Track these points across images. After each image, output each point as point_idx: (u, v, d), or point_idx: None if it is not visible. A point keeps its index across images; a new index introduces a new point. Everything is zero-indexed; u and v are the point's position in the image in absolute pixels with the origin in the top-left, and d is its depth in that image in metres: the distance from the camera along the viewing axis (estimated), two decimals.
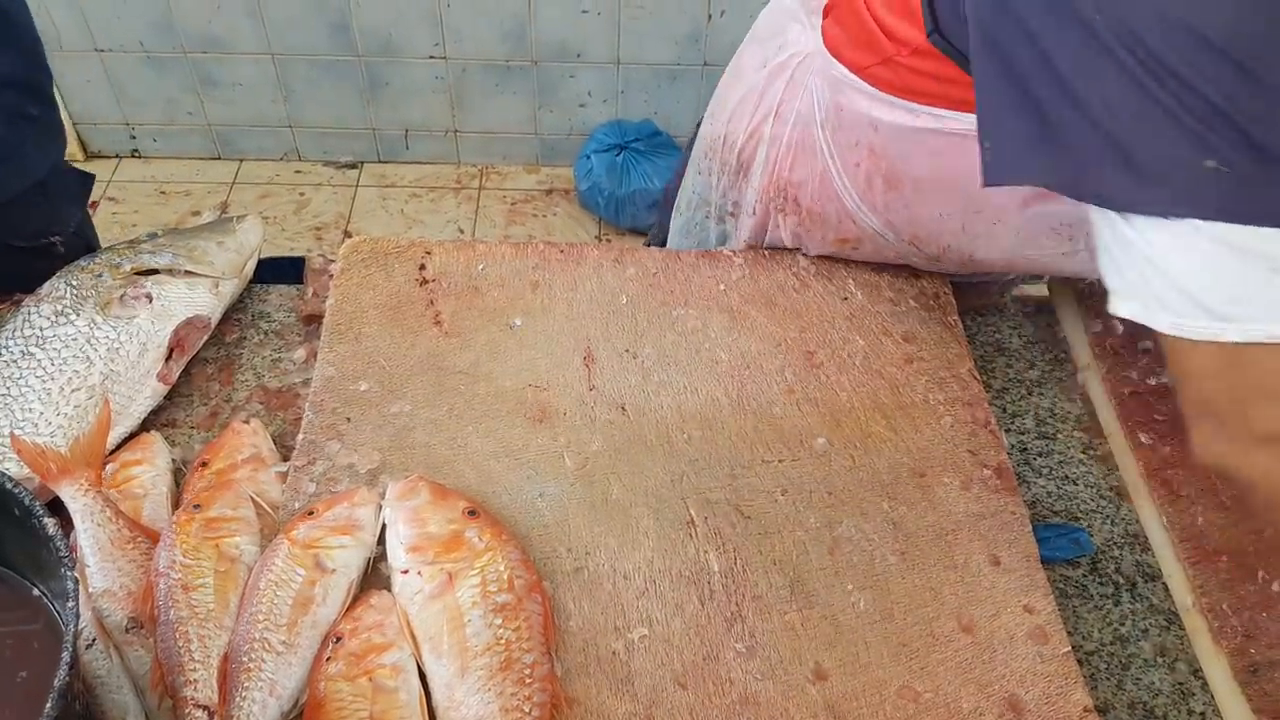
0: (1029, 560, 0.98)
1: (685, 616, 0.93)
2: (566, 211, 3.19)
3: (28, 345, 1.10)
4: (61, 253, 1.37)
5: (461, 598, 0.87)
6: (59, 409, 1.07)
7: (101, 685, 0.85)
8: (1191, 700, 0.97)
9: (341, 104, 3.17)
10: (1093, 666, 0.99)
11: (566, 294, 1.19)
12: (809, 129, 1.13)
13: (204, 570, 0.90)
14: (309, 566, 0.89)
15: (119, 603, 0.90)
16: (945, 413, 1.10)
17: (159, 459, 1.05)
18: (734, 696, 0.88)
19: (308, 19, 2.94)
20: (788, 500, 1.02)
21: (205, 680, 0.84)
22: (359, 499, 0.95)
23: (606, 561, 0.96)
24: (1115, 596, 1.05)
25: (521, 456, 1.04)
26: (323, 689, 0.82)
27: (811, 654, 0.91)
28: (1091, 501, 1.12)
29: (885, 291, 1.21)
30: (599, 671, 0.89)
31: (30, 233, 1.21)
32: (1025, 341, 1.29)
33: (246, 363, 1.21)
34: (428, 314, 1.17)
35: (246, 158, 3.32)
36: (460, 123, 3.22)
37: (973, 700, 0.88)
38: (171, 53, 3.02)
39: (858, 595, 0.95)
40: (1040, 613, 0.94)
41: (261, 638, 0.85)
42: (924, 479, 1.04)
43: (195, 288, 1.20)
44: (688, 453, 1.05)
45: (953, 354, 1.15)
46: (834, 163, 1.13)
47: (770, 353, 1.14)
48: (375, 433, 1.05)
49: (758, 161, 1.21)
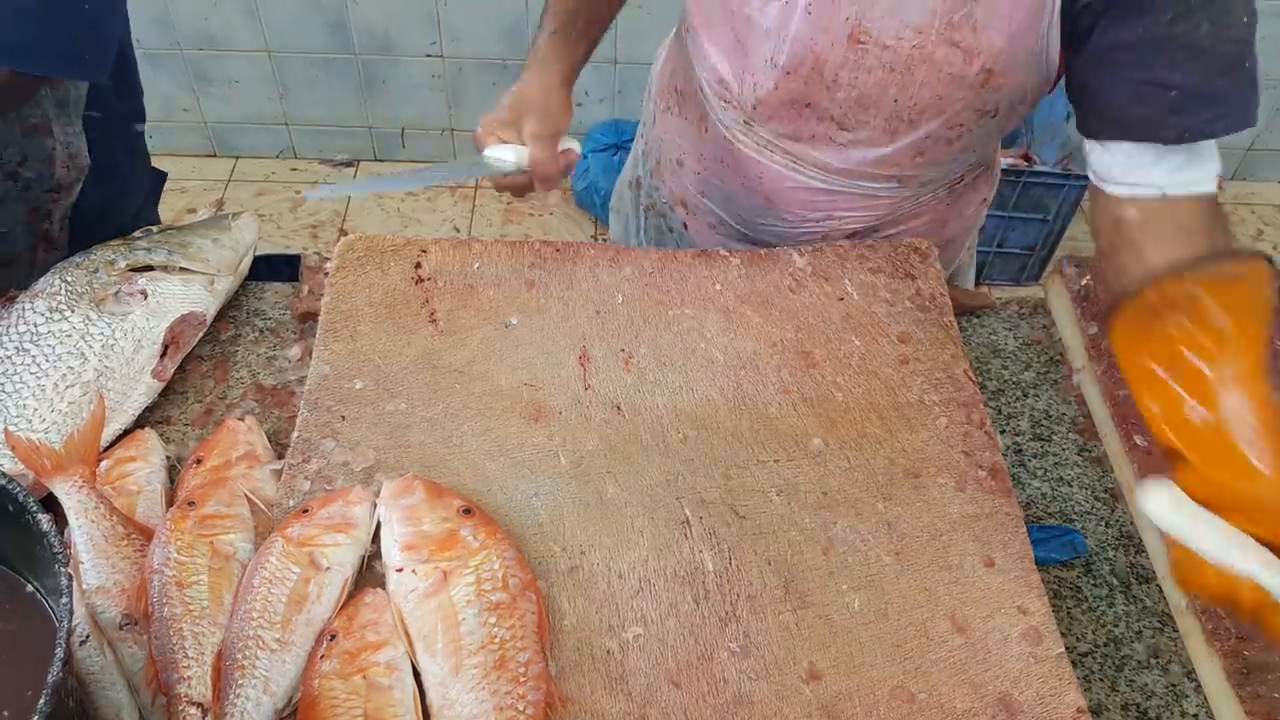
0: (1023, 561, 0.98)
1: (680, 616, 0.93)
2: (563, 211, 3.19)
3: (22, 341, 1.10)
4: None
5: (456, 596, 0.87)
6: (53, 405, 1.06)
7: (95, 682, 0.85)
8: (1185, 702, 0.97)
9: (338, 102, 3.16)
10: (1086, 668, 0.99)
11: (562, 293, 1.19)
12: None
13: (198, 567, 0.90)
14: (303, 564, 0.89)
15: (113, 599, 0.90)
16: (940, 414, 1.10)
17: (153, 456, 1.05)
18: (728, 696, 0.88)
19: (305, 17, 2.94)
20: (783, 500, 1.02)
21: (199, 677, 0.84)
22: (354, 497, 0.95)
23: (601, 561, 0.96)
24: (1109, 598, 1.05)
25: (517, 455, 1.04)
26: (317, 687, 0.82)
27: (806, 654, 0.91)
28: (1086, 503, 1.12)
29: (881, 292, 1.21)
30: (593, 670, 0.89)
31: (113, 233, 1.26)
32: (1021, 343, 1.29)
33: (241, 360, 1.21)
34: (423, 312, 1.16)
35: (243, 155, 3.31)
36: (457, 121, 3.22)
37: (966, 701, 0.89)
38: (168, 49, 3.02)
39: (852, 595, 0.95)
40: (1034, 614, 0.94)
41: (256, 635, 0.84)
42: (919, 480, 1.04)
43: (190, 284, 1.19)
44: (683, 452, 1.05)
45: (948, 355, 1.15)
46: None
47: (766, 353, 1.14)
48: (370, 431, 1.05)
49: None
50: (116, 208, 1.42)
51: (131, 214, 1.46)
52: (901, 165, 1.19)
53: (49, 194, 1.26)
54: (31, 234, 1.29)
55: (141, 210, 1.50)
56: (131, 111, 1.41)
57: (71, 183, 1.28)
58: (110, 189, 1.38)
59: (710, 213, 1.37)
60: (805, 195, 1.25)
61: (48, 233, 1.30)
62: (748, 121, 1.21)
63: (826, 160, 1.20)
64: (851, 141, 1.18)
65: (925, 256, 1.25)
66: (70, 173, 1.26)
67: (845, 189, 1.23)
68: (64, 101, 1.23)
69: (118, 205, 1.43)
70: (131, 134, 1.43)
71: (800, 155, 1.21)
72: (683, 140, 1.34)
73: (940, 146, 1.17)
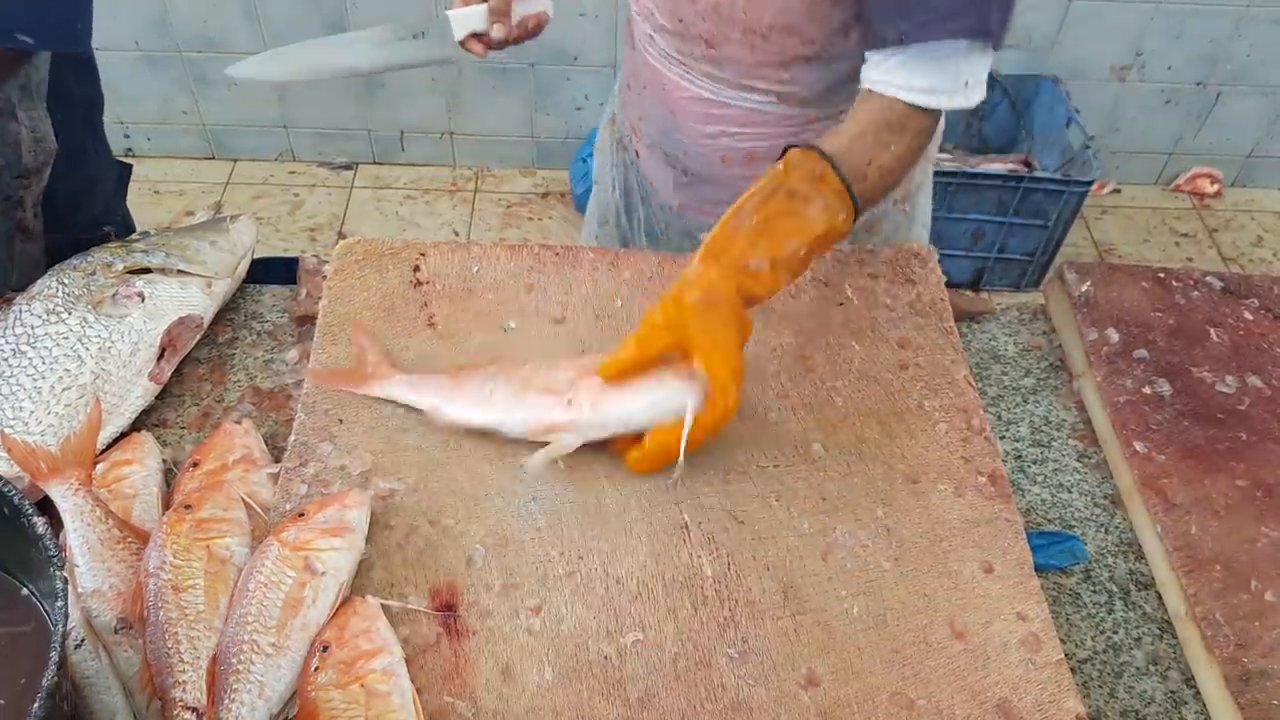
0: (1022, 567, 0.98)
1: (678, 621, 0.92)
2: (562, 215, 3.19)
3: (19, 343, 1.09)
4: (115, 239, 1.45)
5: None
6: (50, 408, 1.06)
7: (90, 686, 0.84)
8: (1184, 709, 0.97)
9: (337, 105, 3.16)
10: (1085, 674, 0.99)
11: (561, 297, 1.19)
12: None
13: (194, 571, 0.89)
14: (299, 568, 0.88)
15: (108, 603, 0.90)
16: (940, 419, 1.09)
17: (150, 459, 1.05)
18: (726, 702, 0.88)
19: (304, 19, 2.94)
20: (782, 506, 1.01)
21: (194, 682, 0.83)
22: (350, 501, 0.94)
23: (599, 566, 0.96)
24: (1108, 605, 1.04)
25: (515, 460, 1.03)
26: (314, 699, 0.82)
27: (804, 660, 0.91)
28: (1086, 509, 1.12)
29: (881, 298, 1.21)
30: (590, 676, 0.89)
31: (86, 223, 1.26)
32: (1021, 349, 1.29)
33: (239, 363, 1.20)
34: (422, 316, 1.16)
35: (241, 158, 3.31)
36: (456, 125, 3.22)
37: (965, 707, 0.88)
38: (166, 52, 3.02)
39: (851, 601, 0.95)
40: (1033, 620, 0.94)
41: (251, 640, 0.84)
42: (918, 485, 1.04)
43: (188, 287, 1.19)
44: None
45: (948, 361, 1.15)
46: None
47: (765, 358, 1.14)
48: (367, 435, 1.05)
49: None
50: (88, 196, 1.43)
51: (103, 204, 1.47)
52: (768, 80, 1.24)
53: (19, 180, 1.26)
54: (6, 222, 1.28)
55: (111, 202, 1.51)
56: (92, 96, 1.42)
57: (40, 167, 1.27)
58: (78, 174, 1.38)
59: (647, 135, 1.43)
60: (700, 108, 1.30)
61: (22, 221, 1.30)
62: (651, 35, 1.30)
63: (708, 69, 1.27)
64: (720, 59, 1.24)
65: (926, 262, 1.25)
66: (38, 157, 1.26)
67: (732, 101, 1.28)
68: (26, 85, 1.22)
69: (89, 193, 1.43)
70: (94, 119, 1.44)
71: (691, 66, 1.28)
72: (628, 63, 1.42)
73: (800, 65, 1.22)
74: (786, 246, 0.97)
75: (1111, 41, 3.04)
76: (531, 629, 0.91)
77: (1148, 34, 3.02)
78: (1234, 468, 1.08)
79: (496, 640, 0.90)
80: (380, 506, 0.99)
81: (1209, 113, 3.21)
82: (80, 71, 1.35)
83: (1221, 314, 1.25)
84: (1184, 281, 1.28)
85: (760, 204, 0.98)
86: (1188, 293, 1.27)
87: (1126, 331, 1.21)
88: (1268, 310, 1.26)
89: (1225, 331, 1.22)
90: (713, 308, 0.94)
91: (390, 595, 0.92)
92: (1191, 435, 1.11)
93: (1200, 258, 3.17)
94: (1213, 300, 1.26)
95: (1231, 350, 1.20)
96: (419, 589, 0.93)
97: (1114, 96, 3.17)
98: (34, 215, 1.31)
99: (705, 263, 0.96)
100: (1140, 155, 3.33)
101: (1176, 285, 1.28)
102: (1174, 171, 3.38)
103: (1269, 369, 1.19)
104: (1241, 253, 3.21)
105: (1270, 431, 1.12)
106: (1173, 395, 1.15)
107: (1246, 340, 1.22)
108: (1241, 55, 3.07)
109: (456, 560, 0.96)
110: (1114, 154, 3.29)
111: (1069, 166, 2.86)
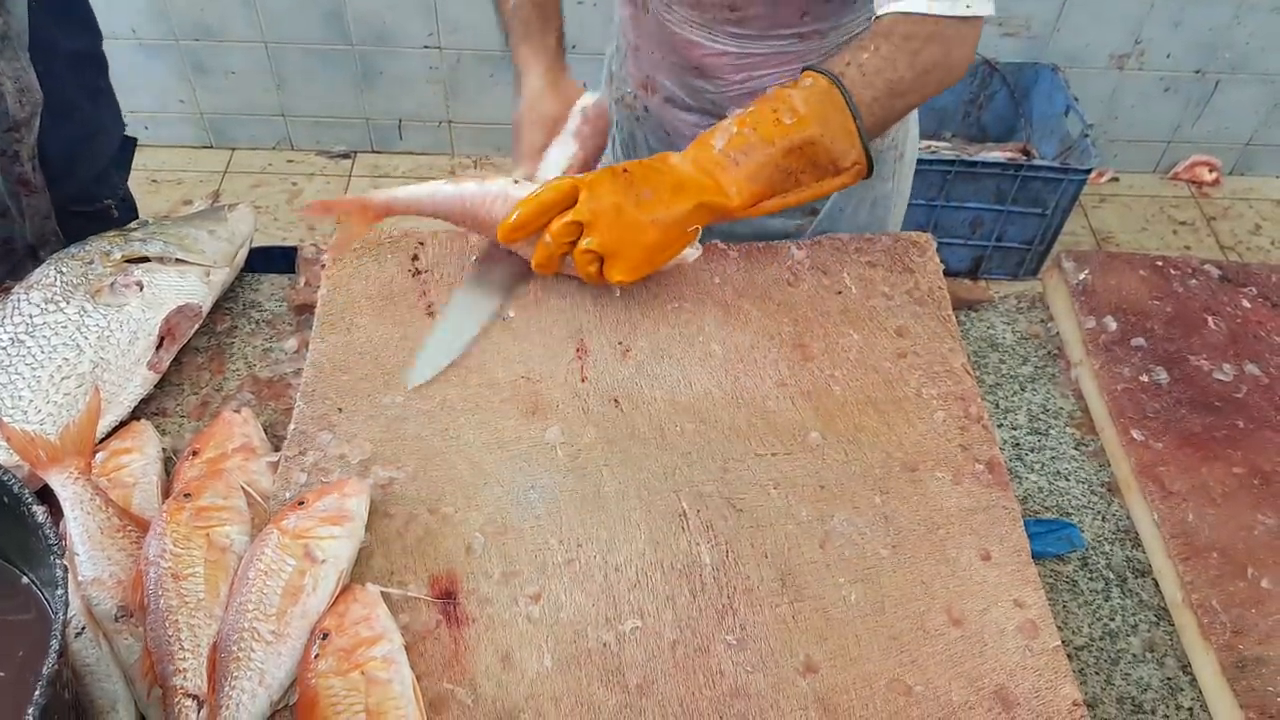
0: (1020, 555, 0.98)
1: (676, 608, 0.93)
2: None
3: (17, 332, 1.09)
4: (115, 216, 1.46)
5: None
6: (49, 397, 1.06)
7: (90, 674, 0.84)
8: (1180, 695, 0.97)
9: (335, 93, 3.15)
10: (1082, 661, 0.99)
11: (560, 286, 1.19)
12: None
13: (194, 559, 0.90)
14: (299, 556, 0.89)
15: (108, 591, 0.90)
16: (938, 407, 1.10)
17: (149, 447, 1.05)
18: (724, 688, 0.88)
19: (301, 7, 2.93)
20: (780, 494, 1.02)
21: (195, 669, 0.84)
22: (349, 489, 0.95)
23: (598, 554, 0.96)
24: (1105, 592, 1.05)
25: (514, 448, 1.04)
26: (314, 686, 0.82)
27: (802, 647, 0.91)
28: (1083, 497, 1.12)
29: (879, 286, 1.21)
30: (589, 663, 0.89)
31: (88, 197, 1.25)
32: (1019, 337, 1.29)
33: (238, 352, 1.20)
34: (420, 305, 1.16)
35: (239, 146, 3.31)
36: (454, 113, 3.22)
37: (962, 694, 0.89)
38: (164, 40, 3.01)
39: (849, 589, 0.95)
40: (1030, 607, 0.94)
41: (251, 627, 0.84)
42: (916, 473, 1.04)
43: (186, 276, 1.19)
44: (680, 446, 1.05)
45: (946, 349, 1.15)
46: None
47: (764, 346, 1.14)
48: (367, 423, 1.05)
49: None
50: (87, 151, 1.42)
51: (102, 164, 1.45)
52: (790, 25, 1.29)
53: (10, 133, 1.25)
54: (6, 177, 1.28)
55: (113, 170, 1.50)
56: (82, 51, 1.40)
57: (28, 117, 1.26)
58: (72, 126, 1.37)
59: (663, 87, 1.45)
60: (725, 60, 1.34)
61: (22, 175, 1.29)
62: (669, 3, 1.33)
63: (732, 30, 1.30)
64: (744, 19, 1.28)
65: (924, 250, 1.25)
66: (25, 107, 1.25)
67: (755, 50, 1.32)
68: (5, 35, 1.22)
69: (87, 148, 1.42)
70: (85, 75, 1.42)
71: (714, 29, 1.31)
72: (634, 28, 1.45)
73: (820, 4, 1.26)
74: (764, 150, 1.06)
75: (1111, 29, 3.03)
76: (531, 616, 0.92)
77: (1147, 22, 3.02)
78: (1231, 455, 1.09)
79: (496, 627, 0.91)
80: (380, 495, 0.99)
81: (1208, 101, 3.21)
82: (65, 25, 1.34)
83: (1219, 302, 1.25)
84: (1182, 270, 1.28)
85: (750, 111, 1.09)
86: (1185, 281, 1.27)
87: (1124, 320, 1.21)
88: (1265, 298, 1.26)
89: (1223, 320, 1.22)
90: (655, 171, 1.07)
91: (390, 583, 0.93)
92: (1189, 423, 1.12)
93: (1198, 246, 3.17)
94: (1210, 288, 1.27)
95: (1229, 338, 1.20)
96: (418, 577, 0.94)
97: (1113, 84, 3.16)
98: (32, 169, 1.31)
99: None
100: (1139, 143, 3.33)
101: (1174, 273, 1.28)
102: (1172, 160, 3.38)
103: (1266, 357, 1.19)
104: (1239, 241, 3.21)
105: (1267, 419, 1.12)
106: (1170, 383, 1.15)
107: (1244, 328, 1.22)
108: (1241, 43, 3.06)
109: (456, 548, 0.96)
110: (1112, 142, 3.29)
111: (1067, 155, 2.86)
